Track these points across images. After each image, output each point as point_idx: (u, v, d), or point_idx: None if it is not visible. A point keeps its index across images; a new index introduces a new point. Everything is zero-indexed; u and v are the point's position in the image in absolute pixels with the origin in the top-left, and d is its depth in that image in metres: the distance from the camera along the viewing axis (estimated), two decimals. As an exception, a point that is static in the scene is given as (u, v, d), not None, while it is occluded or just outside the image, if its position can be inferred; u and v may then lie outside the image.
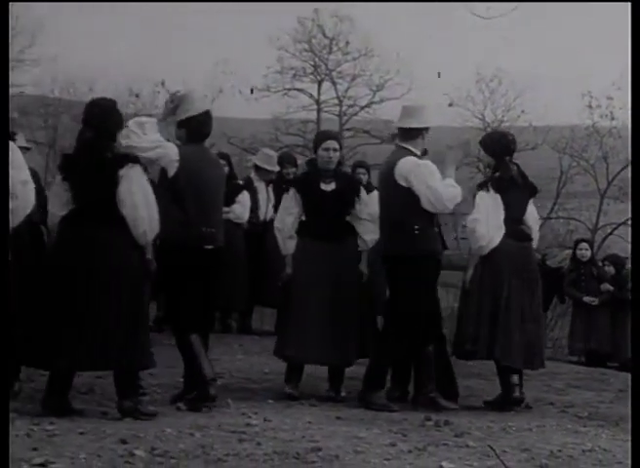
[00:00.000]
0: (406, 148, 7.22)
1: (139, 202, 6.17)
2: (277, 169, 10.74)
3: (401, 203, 7.13)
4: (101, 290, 6.07)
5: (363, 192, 7.54)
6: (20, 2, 18.02)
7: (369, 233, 7.43)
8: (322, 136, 7.62)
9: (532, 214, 7.65)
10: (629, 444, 5.16)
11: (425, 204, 7.10)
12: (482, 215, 7.34)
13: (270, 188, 10.75)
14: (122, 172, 6.15)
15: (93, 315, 6.04)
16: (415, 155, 7.19)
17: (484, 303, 7.34)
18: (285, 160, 11.00)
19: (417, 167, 7.11)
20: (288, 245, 7.44)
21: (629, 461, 4.97)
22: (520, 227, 7.50)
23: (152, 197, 6.26)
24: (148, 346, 6.25)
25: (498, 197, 7.37)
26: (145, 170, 6.35)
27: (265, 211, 10.70)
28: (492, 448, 5.18)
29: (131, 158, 6.24)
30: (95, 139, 6.20)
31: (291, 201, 7.47)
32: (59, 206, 6.26)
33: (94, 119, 6.24)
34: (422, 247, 7.15)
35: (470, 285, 7.44)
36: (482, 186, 7.41)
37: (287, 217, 7.46)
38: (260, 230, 10.45)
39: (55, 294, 6.10)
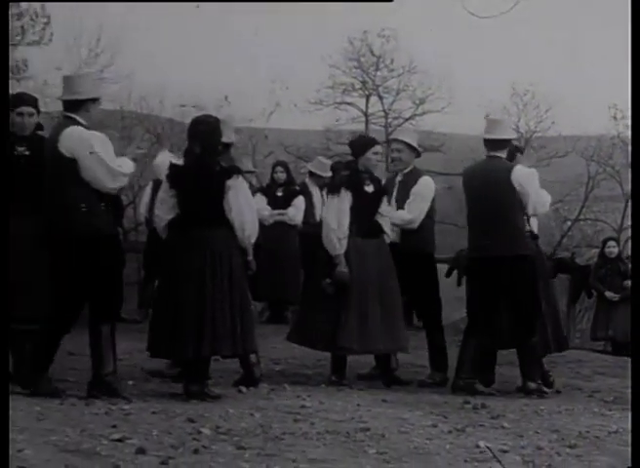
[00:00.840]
0: (501, 157, 7.18)
1: (245, 208, 6.27)
2: (329, 175, 10.73)
3: (516, 206, 7.09)
4: (215, 287, 6.14)
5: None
6: (20, 2, 18.01)
7: (389, 229, 7.43)
8: (372, 141, 7.49)
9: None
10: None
11: (530, 208, 7.11)
12: None
13: (324, 192, 10.74)
14: (230, 182, 6.24)
15: (208, 310, 6.10)
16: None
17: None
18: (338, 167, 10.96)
19: (531, 174, 7.14)
20: (343, 244, 7.19)
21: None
22: (531, 228, 7.48)
23: (254, 204, 6.39)
24: (253, 334, 6.36)
25: None
26: None
27: (320, 212, 10.68)
28: (488, 447, 5.13)
29: (236, 170, 6.33)
30: (204, 154, 6.27)
31: (345, 202, 7.24)
32: (165, 210, 6.35)
33: (200, 135, 6.31)
34: (531, 246, 7.21)
35: None
36: None
37: (344, 218, 7.20)
38: (315, 230, 10.44)
39: (170, 291, 6.20)
